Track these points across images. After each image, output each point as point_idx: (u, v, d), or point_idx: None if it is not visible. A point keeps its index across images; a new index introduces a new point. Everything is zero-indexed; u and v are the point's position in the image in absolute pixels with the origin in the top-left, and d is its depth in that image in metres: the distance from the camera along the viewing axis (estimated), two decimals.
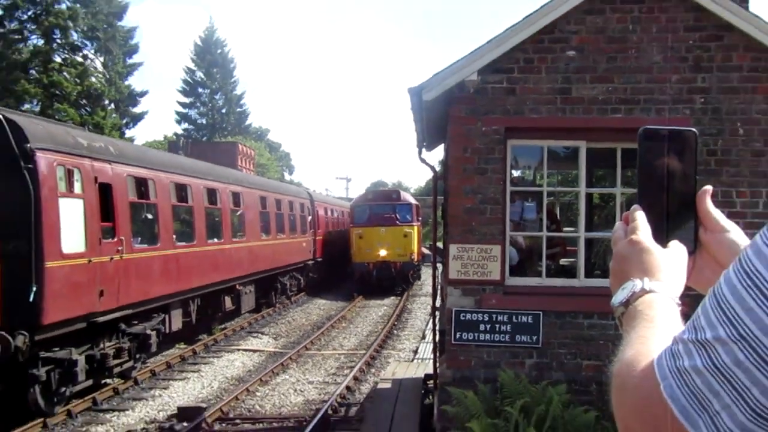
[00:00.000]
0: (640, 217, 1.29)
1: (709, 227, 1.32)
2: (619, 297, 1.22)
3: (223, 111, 73.92)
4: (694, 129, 1.34)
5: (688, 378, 0.95)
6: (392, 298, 31.83)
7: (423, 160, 12.01)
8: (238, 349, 20.54)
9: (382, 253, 31.98)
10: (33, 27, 42.33)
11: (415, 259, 33.69)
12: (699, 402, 0.94)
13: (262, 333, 23.03)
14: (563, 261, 10.92)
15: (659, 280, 1.20)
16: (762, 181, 8.77)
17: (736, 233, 1.31)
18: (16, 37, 42.15)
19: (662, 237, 1.28)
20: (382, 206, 33.75)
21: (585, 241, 9.37)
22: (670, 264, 1.24)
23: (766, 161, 8.80)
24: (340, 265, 38.04)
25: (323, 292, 34.71)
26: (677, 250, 1.27)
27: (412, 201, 35.73)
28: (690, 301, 1.21)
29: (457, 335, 9.03)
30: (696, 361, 0.95)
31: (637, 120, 8.78)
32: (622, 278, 1.25)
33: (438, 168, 12.91)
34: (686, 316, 1.13)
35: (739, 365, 0.91)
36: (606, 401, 6.21)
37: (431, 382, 13.41)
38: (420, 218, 36.57)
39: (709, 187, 1.33)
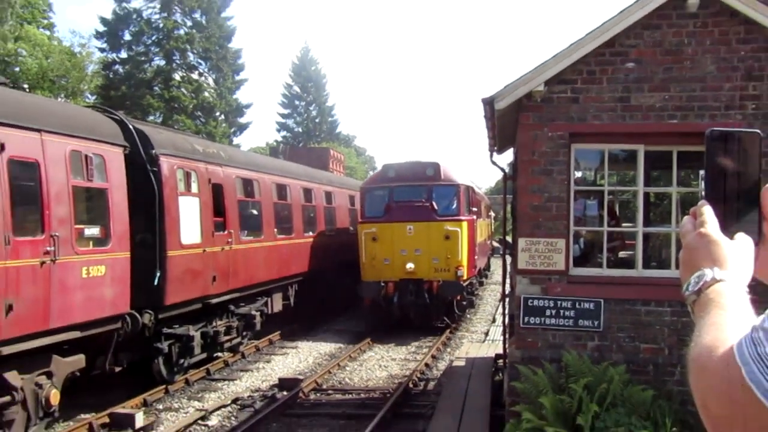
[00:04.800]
0: (708, 212, 1.26)
1: None
2: (690, 286, 1.20)
3: (317, 120, 74.69)
4: (758, 130, 1.31)
5: None
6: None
7: (494, 163, 11.97)
8: (331, 329, 20.78)
9: (409, 266, 17.98)
10: (156, 50, 43.62)
11: (464, 276, 18.52)
12: None
13: (351, 315, 23.23)
14: (622, 253, 10.68)
15: (728, 270, 1.17)
16: None
17: None
18: (142, 59, 43.52)
19: (729, 230, 1.25)
20: (410, 189, 18.79)
21: (642, 236, 9.19)
22: (737, 254, 1.21)
23: None
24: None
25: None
26: (743, 241, 1.23)
27: (460, 181, 19.45)
28: (759, 289, 1.17)
29: (526, 319, 8.94)
30: None
31: (692, 125, 8.54)
32: (693, 268, 1.22)
33: (507, 169, 12.78)
34: (754, 303, 1.11)
35: None
36: (662, 381, 6.10)
37: (501, 361, 13.31)
38: (475, 208, 21.09)
39: None
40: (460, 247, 18.23)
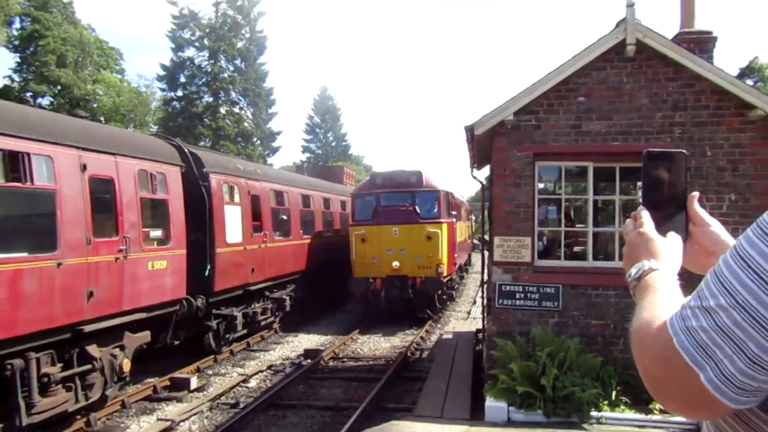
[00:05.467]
0: (645, 215, 1.28)
1: (697, 222, 1.31)
2: (632, 274, 1.21)
3: (333, 144, 74.63)
4: (685, 151, 1.33)
5: (696, 335, 0.95)
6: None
7: (474, 177, 12.05)
8: (346, 311, 20.73)
9: (395, 264, 16.45)
10: (205, 89, 43.65)
11: (444, 273, 16.75)
12: (705, 352, 0.93)
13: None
14: (576, 248, 10.67)
15: (662, 261, 1.19)
16: (725, 190, 8.49)
17: (716, 227, 1.30)
18: (194, 96, 43.56)
19: (662, 229, 1.26)
20: (395, 195, 17.10)
21: (592, 234, 9.18)
22: (669, 249, 1.23)
23: (727, 175, 8.51)
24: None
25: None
26: (674, 239, 1.26)
27: (440, 187, 17.28)
28: (686, 276, 1.20)
29: (500, 301, 8.93)
30: (702, 322, 0.94)
31: (631, 146, 8.55)
32: (634, 260, 1.23)
33: (485, 182, 12.77)
34: (683, 287, 1.13)
35: (738, 325, 0.91)
36: (609, 350, 6.09)
37: (481, 334, 13.28)
38: (455, 211, 19.03)
39: (696, 193, 1.32)
40: (440, 247, 16.52)
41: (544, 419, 7.92)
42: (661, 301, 1.08)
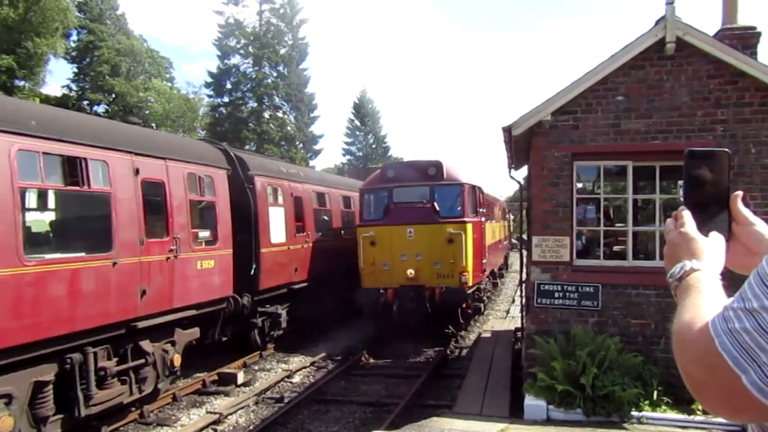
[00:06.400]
0: (687, 215, 1.25)
1: (740, 221, 1.26)
2: (673, 274, 1.18)
3: (373, 146, 74.57)
4: (727, 149, 1.29)
5: (739, 337, 0.92)
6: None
7: (512, 177, 11.90)
8: None
9: (410, 272, 13.17)
10: (250, 95, 44.35)
11: (470, 282, 13.26)
12: (748, 355, 0.90)
13: None
14: (616, 247, 10.44)
15: (704, 261, 1.16)
16: None
17: (761, 226, 1.26)
18: (240, 102, 44.33)
19: (704, 229, 1.23)
20: (411, 189, 13.81)
21: (632, 234, 8.97)
22: (711, 249, 1.19)
23: None
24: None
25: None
26: (716, 238, 1.22)
27: (465, 180, 13.77)
28: (729, 277, 1.16)
29: (539, 300, 8.82)
30: (745, 324, 0.92)
31: (671, 145, 8.33)
32: (675, 260, 1.20)
33: (523, 182, 12.61)
34: (725, 288, 1.10)
35: None
36: (649, 350, 5.93)
37: (519, 333, 13.12)
38: (484, 209, 15.26)
39: (740, 192, 1.28)
40: (464, 251, 13.03)
41: (583, 418, 7.78)
42: (703, 302, 1.05)
